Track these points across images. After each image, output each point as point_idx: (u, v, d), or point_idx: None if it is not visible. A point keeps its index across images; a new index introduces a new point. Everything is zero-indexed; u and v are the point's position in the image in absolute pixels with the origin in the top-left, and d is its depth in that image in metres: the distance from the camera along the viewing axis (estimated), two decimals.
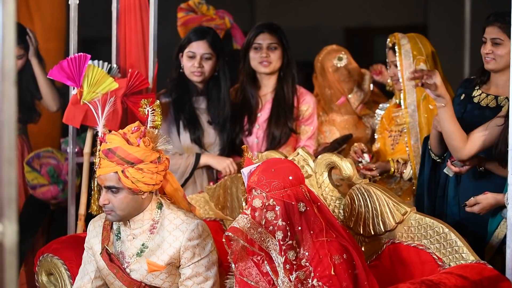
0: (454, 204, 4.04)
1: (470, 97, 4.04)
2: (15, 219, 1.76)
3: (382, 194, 3.54)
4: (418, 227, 3.45)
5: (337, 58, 5.02)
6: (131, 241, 3.52)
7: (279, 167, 3.23)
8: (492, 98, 3.96)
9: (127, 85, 4.34)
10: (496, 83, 3.99)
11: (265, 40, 4.70)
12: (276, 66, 4.71)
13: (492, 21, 3.90)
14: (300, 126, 4.75)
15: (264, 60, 4.69)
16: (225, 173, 4.48)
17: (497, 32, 3.87)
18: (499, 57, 3.87)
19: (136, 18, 4.62)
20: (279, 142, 4.66)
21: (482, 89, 4.05)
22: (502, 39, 3.85)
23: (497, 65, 3.91)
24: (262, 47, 4.69)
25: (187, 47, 4.63)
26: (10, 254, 1.76)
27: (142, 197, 3.44)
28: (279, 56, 4.70)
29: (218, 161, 4.53)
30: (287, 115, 4.69)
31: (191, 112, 4.62)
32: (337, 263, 3.12)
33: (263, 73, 4.74)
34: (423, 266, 3.41)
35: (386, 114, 4.69)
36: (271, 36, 4.70)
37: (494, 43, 3.89)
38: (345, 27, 9.76)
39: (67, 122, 4.45)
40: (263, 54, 4.68)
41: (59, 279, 3.85)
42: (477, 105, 4.00)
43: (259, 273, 3.24)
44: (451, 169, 3.91)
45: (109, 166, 3.39)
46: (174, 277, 3.51)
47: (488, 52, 3.91)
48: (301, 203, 3.16)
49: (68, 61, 4.26)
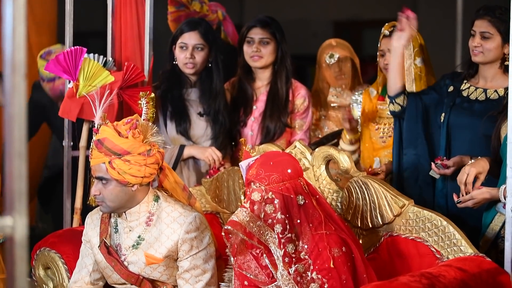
0: (441, 196, 4.05)
1: (458, 90, 4.06)
2: (26, 213, 1.75)
3: (380, 186, 3.55)
4: (416, 219, 3.46)
5: (329, 55, 5.01)
6: (127, 233, 3.53)
7: (278, 160, 3.24)
8: (481, 92, 3.98)
9: (123, 78, 4.33)
10: (484, 76, 4.00)
11: (257, 35, 4.71)
12: (268, 60, 4.71)
13: (482, 14, 3.90)
14: (295, 120, 4.75)
15: (255, 55, 4.70)
16: (208, 161, 4.47)
17: (486, 26, 3.88)
18: (487, 50, 3.89)
19: (131, 11, 4.61)
20: (273, 136, 4.66)
21: (470, 82, 4.06)
22: (491, 33, 3.86)
23: (485, 58, 3.92)
24: (254, 41, 4.70)
25: (179, 39, 4.63)
26: (21, 248, 1.76)
27: (132, 189, 3.43)
28: (272, 51, 4.70)
29: (200, 151, 4.53)
30: (281, 109, 4.70)
31: (179, 104, 4.61)
32: (336, 256, 3.13)
33: (254, 67, 4.75)
34: (421, 259, 3.42)
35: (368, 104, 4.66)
36: (263, 31, 4.71)
37: (483, 36, 3.90)
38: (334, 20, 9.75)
39: (63, 116, 4.44)
40: (254, 48, 4.69)
41: (56, 273, 3.85)
42: (466, 98, 4.02)
43: (258, 266, 3.24)
44: (435, 171, 3.93)
45: (98, 157, 3.41)
46: (172, 270, 3.51)
47: (476, 45, 3.92)
48: (300, 196, 3.17)
49: (64, 54, 4.24)
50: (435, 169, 3.93)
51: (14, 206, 1.74)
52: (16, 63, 1.73)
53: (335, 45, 5.05)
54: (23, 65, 1.75)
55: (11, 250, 1.76)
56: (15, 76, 1.74)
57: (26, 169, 1.75)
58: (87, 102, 4.19)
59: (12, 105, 1.74)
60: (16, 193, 1.74)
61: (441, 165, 3.90)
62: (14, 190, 1.74)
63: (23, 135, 1.75)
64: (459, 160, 3.92)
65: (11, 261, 1.76)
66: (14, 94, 1.74)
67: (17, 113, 1.74)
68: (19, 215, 1.75)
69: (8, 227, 1.75)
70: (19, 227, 1.75)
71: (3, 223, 1.75)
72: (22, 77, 1.75)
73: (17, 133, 1.74)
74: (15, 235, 1.75)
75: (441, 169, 3.90)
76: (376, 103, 4.61)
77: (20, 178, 1.75)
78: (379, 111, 4.59)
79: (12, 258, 1.76)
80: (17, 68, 1.74)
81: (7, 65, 1.75)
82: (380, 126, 4.58)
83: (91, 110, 3.87)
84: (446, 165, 3.90)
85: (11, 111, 1.74)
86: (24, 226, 1.76)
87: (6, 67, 1.76)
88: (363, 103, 4.66)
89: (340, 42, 5.12)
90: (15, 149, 1.74)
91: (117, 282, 3.58)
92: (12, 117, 1.74)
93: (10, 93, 1.74)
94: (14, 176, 1.74)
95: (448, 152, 4.04)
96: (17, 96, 1.74)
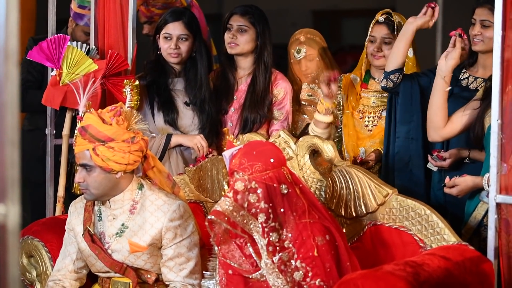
0: (438, 188, 4.06)
1: (457, 79, 4.07)
2: (18, 201, 1.76)
3: (364, 176, 3.56)
4: (399, 208, 3.48)
5: (296, 50, 4.95)
6: (111, 221, 3.53)
7: (261, 150, 3.24)
8: (481, 81, 3.98)
9: (106, 67, 4.31)
10: (484, 65, 4.00)
11: (235, 22, 4.69)
12: (244, 48, 4.69)
13: (482, 2, 3.90)
14: (273, 110, 4.74)
15: (232, 42, 4.68)
16: (197, 149, 4.47)
17: (486, 14, 3.88)
18: (487, 39, 3.87)
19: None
20: (252, 127, 4.65)
21: (469, 71, 4.07)
22: (492, 21, 3.82)
23: (485, 46, 3.91)
24: (232, 28, 4.69)
25: (163, 29, 4.61)
26: (13, 236, 1.76)
27: (116, 177, 3.44)
28: (249, 39, 4.68)
29: (188, 139, 4.53)
30: (259, 100, 4.68)
31: (166, 94, 4.60)
32: (320, 244, 3.14)
33: (230, 54, 4.74)
34: (404, 247, 3.44)
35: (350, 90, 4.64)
36: (242, 18, 4.69)
37: (483, 25, 3.90)
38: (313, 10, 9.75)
39: (46, 104, 4.42)
40: (231, 35, 4.68)
41: (39, 261, 3.84)
42: (466, 88, 4.03)
43: (242, 256, 3.25)
44: (432, 163, 3.95)
45: (82, 144, 3.42)
46: (156, 258, 3.52)
47: (476, 34, 3.91)
48: (283, 185, 3.18)
49: (48, 42, 4.22)
50: (432, 161, 3.95)
51: (6, 194, 1.75)
52: (9, 50, 1.74)
53: (303, 41, 4.93)
54: (15, 53, 1.75)
55: (3, 238, 1.76)
56: (7, 63, 1.74)
57: (19, 157, 1.75)
58: (70, 90, 4.18)
59: (4, 92, 1.74)
60: (9, 181, 1.74)
61: (437, 157, 3.91)
62: (6, 178, 1.74)
63: (15, 122, 1.75)
64: (456, 152, 3.94)
65: (3, 249, 1.76)
66: (7, 81, 1.74)
67: (10, 101, 1.74)
68: (12, 202, 1.75)
69: (1, 215, 1.75)
70: (11, 215, 1.75)
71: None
72: (15, 64, 1.75)
73: (9, 120, 1.74)
74: (7, 222, 1.75)
75: (438, 161, 3.92)
76: (359, 91, 4.60)
77: (13, 166, 1.75)
78: (362, 99, 4.57)
79: (4, 245, 1.76)
80: (10, 56, 1.74)
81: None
82: (365, 115, 4.56)
83: (75, 98, 3.86)
84: (442, 157, 3.92)
85: (3, 99, 1.74)
86: (16, 214, 1.76)
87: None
88: (345, 89, 4.63)
89: (310, 38, 4.96)
90: (7, 136, 1.74)
91: (101, 270, 3.58)
92: (5, 104, 1.74)
93: (2, 80, 1.74)
94: (6, 164, 1.74)
95: (447, 143, 4.05)
96: (9, 84, 1.74)
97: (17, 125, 1.75)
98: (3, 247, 1.76)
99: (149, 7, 5.29)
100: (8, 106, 1.74)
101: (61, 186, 4.45)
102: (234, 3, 4.96)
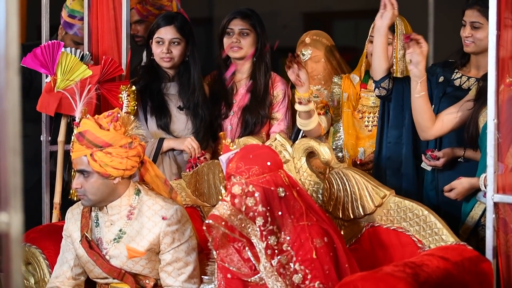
0: (431, 188, 4.06)
1: (449, 80, 4.07)
2: (21, 209, 1.75)
3: (361, 177, 3.56)
4: (397, 210, 3.48)
5: (301, 52, 4.94)
6: (108, 227, 3.53)
7: (257, 153, 3.24)
8: (474, 81, 3.98)
9: (101, 72, 4.31)
10: (476, 65, 4.01)
11: (236, 26, 4.69)
12: (247, 52, 4.70)
13: (471, 4, 3.90)
14: (273, 112, 4.75)
15: (235, 46, 4.68)
16: (189, 151, 4.46)
17: (476, 16, 3.88)
18: (478, 40, 3.89)
19: (108, 4, 4.58)
20: (252, 130, 4.65)
21: (461, 71, 4.08)
22: (481, 22, 3.85)
23: (477, 48, 3.92)
24: (234, 32, 4.69)
25: (155, 33, 4.61)
26: (16, 244, 1.75)
27: (114, 182, 3.44)
28: (252, 43, 4.69)
29: (179, 142, 4.53)
30: (259, 102, 4.69)
31: (159, 99, 4.60)
32: (319, 247, 3.14)
33: (234, 59, 4.73)
34: (403, 248, 3.44)
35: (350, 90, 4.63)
36: (243, 22, 4.69)
37: (473, 26, 3.90)
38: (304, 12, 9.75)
39: (41, 110, 4.41)
40: (234, 39, 4.68)
41: (37, 268, 3.83)
42: (459, 87, 4.04)
43: (240, 259, 3.25)
44: (426, 163, 3.96)
45: (80, 150, 3.41)
46: (154, 263, 3.51)
47: (467, 36, 3.92)
48: (280, 188, 3.18)
49: (42, 48, 4.21)
50: (425, 161, 3.95)
51: (9, 202, 1.74)
52: (10, 58, 1.73)
53: (308, 43, 4.92)
54: (16, 61, 1.74)
55: (7, 246, 1.75)
56: (8, 71, 1.73)
57: (21, 165, 1.75)
58: (65, 97, 4.17)
59: (6, 100, 1.73)
60: (11, 189, 1.74)
61: (430, 156, 3.92)
62: (9, 186, 1.74)
63: (17, 130, 1.75)
64: (450, 151, 3.94)
65: (6, 257, 1.75)
66: (8, 89, 1.73)
67: (11, 109, 1.74)
68: (15, 211, 1.74)
69: (3, 223, 1.74)
70: (14, 223, 1.74)
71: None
72: (16, 72, 1.74)
73: (11, 128, 1.74)
74: (10, 231, 1.74)
75: (432, 161, 3.92)
76: (359, 90, 4.59)
77: (15, 174, 1.74)
78: (362, 99, 4.56)
79: (7, 254, 1.75)
80: (11, 64, 1.73)
81: (0, 61, 1.74)
82: (365, 115, 4.55)
83: (70, 105, 3.85)
84: (436, 156, 3.92)
85: (5, 107, 1.74)
86: (19, 222, 1.75)
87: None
88: (344, 88, 4.61)
89: (316, 40, 4.93)
90: (9, 144, 1.74)
91: (99, 277, 3.57)
92: (6, 112, 1.74)
93: (3, 88, 1.73)
94: (8, 172, 1.74)
95: (439, 143, 4.05)
96: (10, 92, 1.73)
97: (18, 133, 1.74)
98: (7, 256, 1.76)
99: (146, 6, 5.27)
100: (9, 114, 1.73)
101: (57, 193, 4.44)
102: (224, 7, 4.96)
